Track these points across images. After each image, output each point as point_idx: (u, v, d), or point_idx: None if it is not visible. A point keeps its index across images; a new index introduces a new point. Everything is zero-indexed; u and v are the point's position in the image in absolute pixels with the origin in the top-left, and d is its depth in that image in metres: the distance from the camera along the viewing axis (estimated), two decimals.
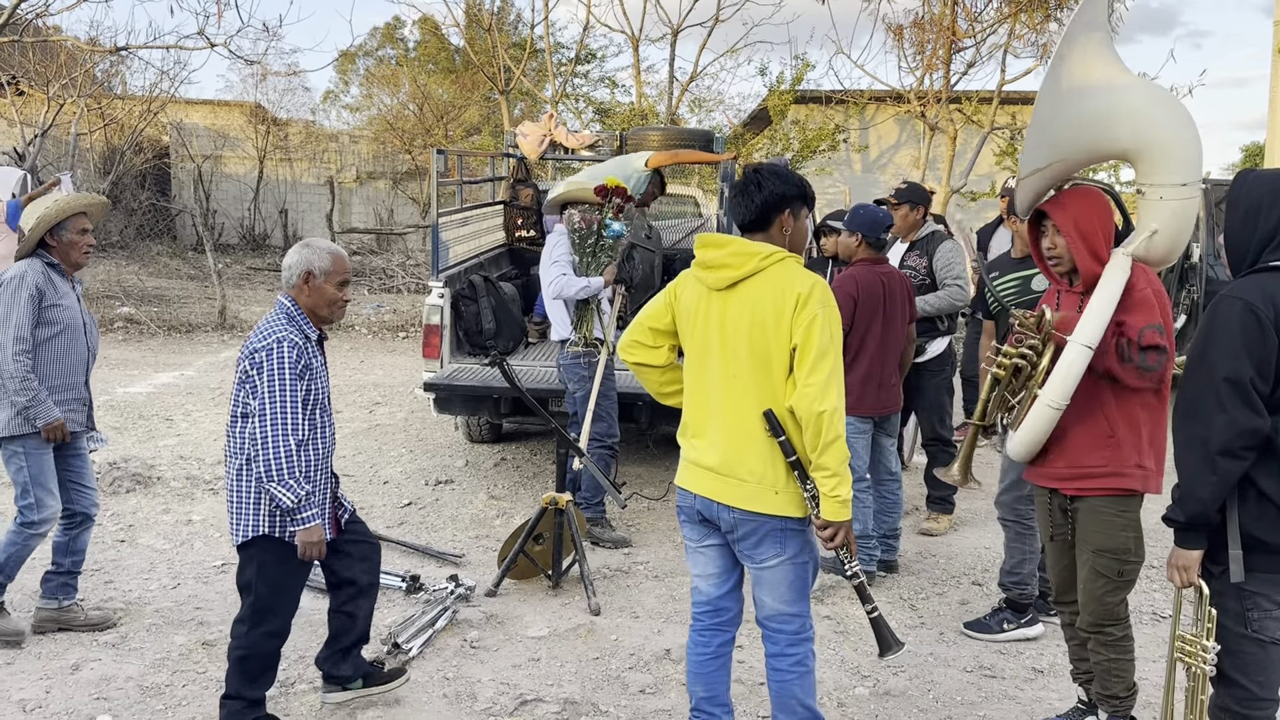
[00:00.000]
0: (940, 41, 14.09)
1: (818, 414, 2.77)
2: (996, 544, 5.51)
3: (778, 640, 3.05)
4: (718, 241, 2.97)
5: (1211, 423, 2.51)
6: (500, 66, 15.57)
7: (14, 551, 4.06)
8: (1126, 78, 3.15)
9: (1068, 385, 3.11)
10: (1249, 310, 2.47)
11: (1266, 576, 2.58)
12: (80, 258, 4.13)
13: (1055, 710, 3.73)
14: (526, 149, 8.30)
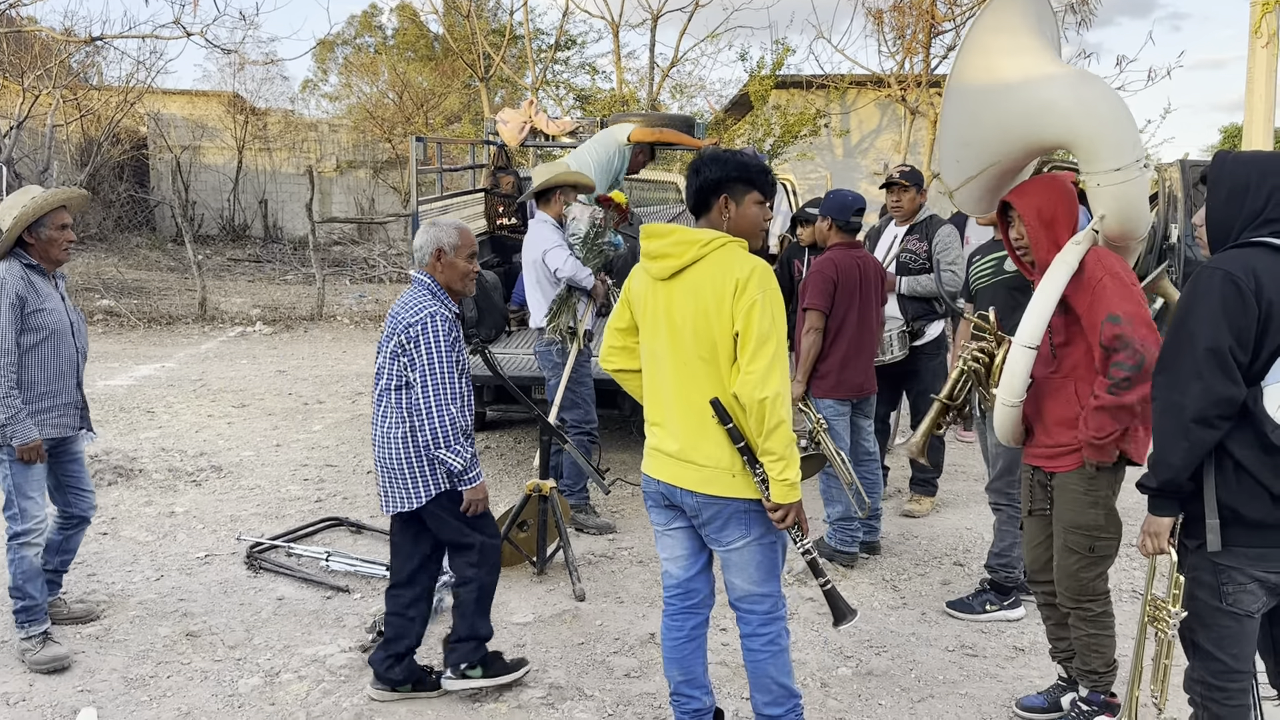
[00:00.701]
0: (920, 25, 14.13)
1: (759, 401, 2.78)
2: (978, 525, 5.56)
3: (750, 621, 3.08)
4: (660, 231, 2.99)
5: (1188, 390, 2.52)
6: (480, 54, 15.50)
7: (15, 568, 3.88)
8: (1044, 68, 3.16)
9: (1017, 384, 3.19)
10: (1230, 280, 2.48)
11: (1241, 550, 2.59)
12: (61, 255, 3.95)
13: (1036, 688, 3.77)
14: (507, 136, 8.28)
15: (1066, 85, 3.13)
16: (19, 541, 3.87)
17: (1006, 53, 3.16)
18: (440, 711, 3.59)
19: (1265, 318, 2.47)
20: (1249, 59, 12.94)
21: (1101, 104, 3.09)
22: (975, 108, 3.21)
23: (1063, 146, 3.23)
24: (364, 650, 3.97)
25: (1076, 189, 3.39)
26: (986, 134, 3.22)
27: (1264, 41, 12.66)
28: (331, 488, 6.10)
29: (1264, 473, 2.51)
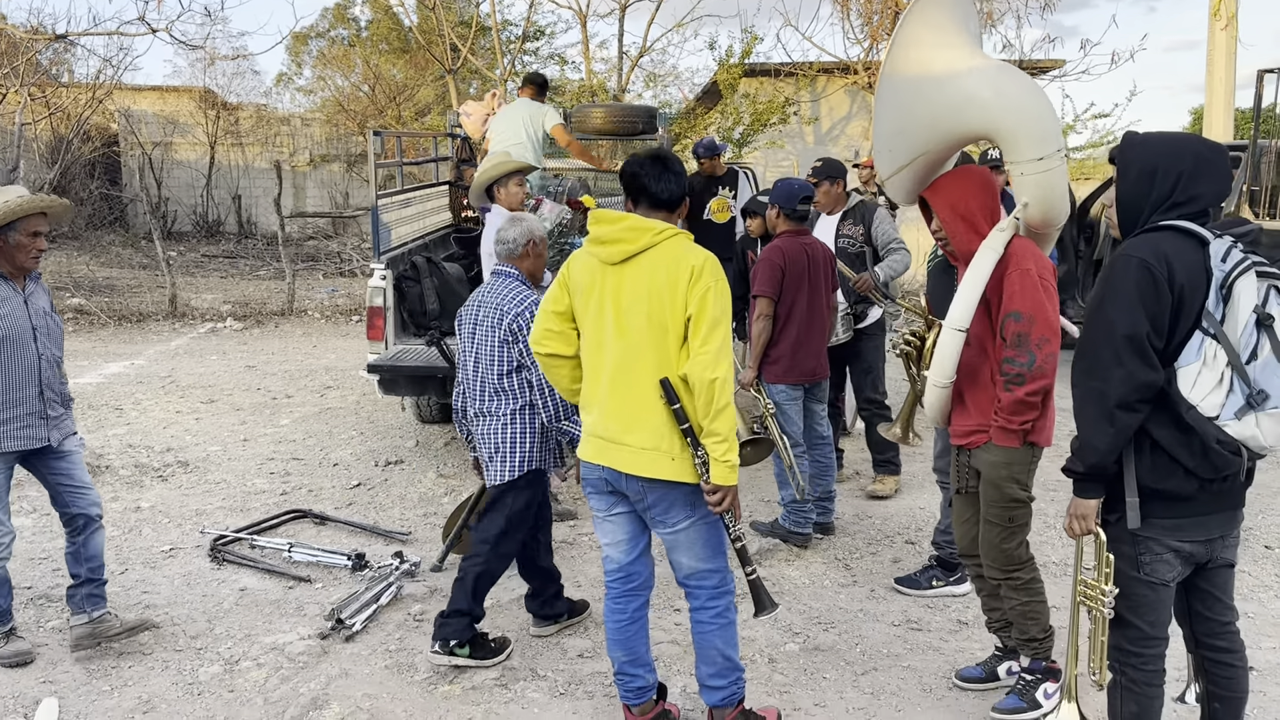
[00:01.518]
0: (885, 12, 14.21)
1: (710, 380, 2.89)
2: (931, 504, 5.68)
3: (699, 595, 3.19)
4: (611, 218, 3.06)
5: (1110, 377, 2.58)
6: (447, 45, 15.50)
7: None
8: (968, 62, 3.25)
9: (947, 366, 3.30)
10: (1144, 268, 2.54)
11: (1158, 522, 2.69)
12: (27, 262, 3.81)
13: (977, 659, 3.89)
14: (470, 129, 8.33)
15: (988, 78, 3.23)
16: None
17: (934, 46, 3.26)
18: (395, 693, 3.68)
19: (1178, 302, 2.53)
20: (1209, 41, 13.11)
21: (1022, 96, 3.19)
22: (907, 100, 3.30)
23: (986, 137, 3.33)
24: (322, 638, 4.06)
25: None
26: (917, 125, 3.32)
27: (1223, 24, 12.82)
28: (297, 481, 6.17)
29: (1179, 450, 2.58)
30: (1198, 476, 2.60)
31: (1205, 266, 2.55)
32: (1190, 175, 2.62)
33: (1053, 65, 15.45)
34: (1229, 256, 2.57)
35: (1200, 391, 2.54)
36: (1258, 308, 2.53)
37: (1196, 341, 2.55)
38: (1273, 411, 2.52)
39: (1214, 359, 2.53)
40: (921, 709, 3.61)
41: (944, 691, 3.72)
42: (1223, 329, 2.54)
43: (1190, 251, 2.56)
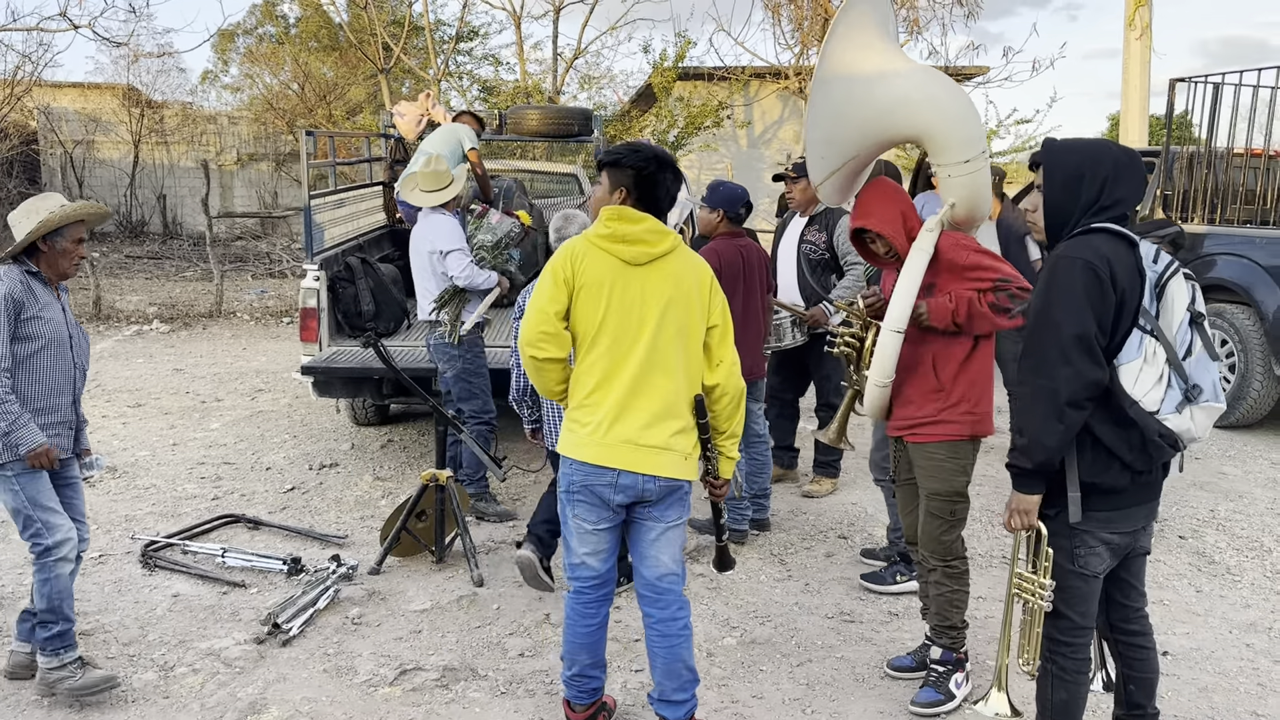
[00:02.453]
0: (815, 18, 14.43)
1: (740, 389, 3.11)
2: (862, 500, 5.82)
3: (667, 604, 3.19)
4: (631, 216, 3.02)
5: (1058, 375, 2.64)
6: (380, 44, 15.36)
7: (49, 589, 3.59)
8: (896, 69, 3.36)
9: (887, 365, 3.42)
10: (1089, 268, 2.62)
11: (1094, 515, 2.77)
12: (70, 269, 3.72)
13: (907, 649, 4.01)
14: (404, 129, 8.30)
15: (917, 82, 3.34)
16: (53, 558, 3.58)
17: (863, 51, 3.34)
18: (334, 696, 3.67)
19: (1120, 302, 2.64)
20: (1125, 51, 13.55)
21: (949, 100, 3.31)
22: (838, 105, 3.38)
23: (914, 140, 3.44)
24: (259, 643, 4.02)
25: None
26: (848, 130, 3.41)
27: (1138, 33, 13.27)
28: (229, 485, 6.09)
29: (1118, 445, 2.68)
30: (1132, 469, 2.71)
31: (1139, 267, 2.67)
32: (1112, 180, 2.72)
33: (977, 72, 15.85)
34: (1159, 259, 2.72)
35: (1142, 387, 2.65)
36: (1190, 306, 2.68)
37: (1136, 339, 2.66)
38: (1205, 405, 2.67)
39: (1154, 356, 2.65)
40: (855, 698, 3.71)
41: (876, 681, 3.83)
42: (1159, 327, 2.67)
43: (1125, 253, 2.67)
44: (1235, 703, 3.64)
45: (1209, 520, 5.51)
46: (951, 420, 3.46)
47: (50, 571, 3.59)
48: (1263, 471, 6.46)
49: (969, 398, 3.46)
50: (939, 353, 3.45)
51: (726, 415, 3.09)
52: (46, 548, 3.59)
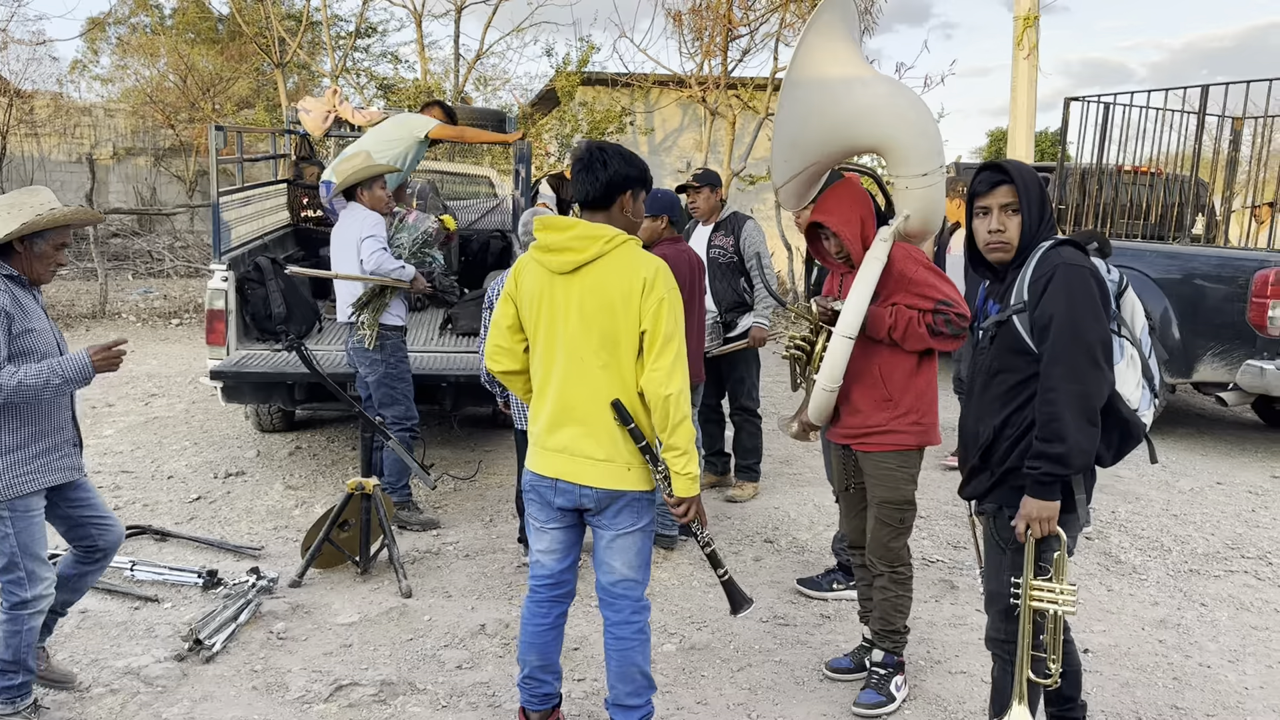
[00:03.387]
0: (718, 28, 14.59)
1: (665, 396, 2.88)
2: (785, 504, 5.89)
3: (621, 608, 3.13)
4: (560, 225, 2.97)
5: (1088, 379, 2.66)
6: (275, 38, 14.88)
7: (18, 641, 3.29)
8: (864, 78, 3.42)
9: (836, 371, 3.45)
10: (1095, 276, 2.73)
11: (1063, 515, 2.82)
12: (47, 274, 3.36)
13: (842, 650, 4.07)
14: (310, 126, 8.04)
15: (883, 94, 3.39)
16: (29, 610, 3.29)
17: (833, 59, 3.38)
18: (266, 714, 3.52)
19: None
20: (1013, 69, 14.09)
21: (913, 114, 3.37)
22: (806, 110, 3.39)
23: (875, 150, 3.49)
24: (179, 660, 3.83)
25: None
26: (812, 136, 3.42)
27: (1025, 53, 13.82)
28: (130, 495, 5.78)
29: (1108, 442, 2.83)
30: (1101, 465, 2.84)
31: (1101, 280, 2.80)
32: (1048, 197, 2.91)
33: None
34: (1111, 270, 2.84)
35: (1129, 388, 2.79)
36: (1148, 314, 2.84)
37: (1118, 344, 2.79)
38: (1156, 401, 2.87)
39: (1133, 359, 2.80)
40: (797, 700, 3.74)
41: (816, 683, 3.87)
42: (1131, 332, 2.81)
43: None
44: (1155, 696, 3.81)
45: (1111, 521, 5.76)
46: (901, 430, 3.52)
47: (23, 624, 3.29)
48: (1155, 474, 6.80)
49: (917, 408, 3.54)
50: (885, 362, 3.51)
51: (658, 424, 2.94)
52: (24, 600, 3.28)
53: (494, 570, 4.86)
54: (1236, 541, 5.50)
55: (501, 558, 5.02)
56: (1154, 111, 8.23)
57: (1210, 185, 8.99)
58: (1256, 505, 6.21)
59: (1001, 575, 2.96)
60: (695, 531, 3.13)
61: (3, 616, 3.28)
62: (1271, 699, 3.82)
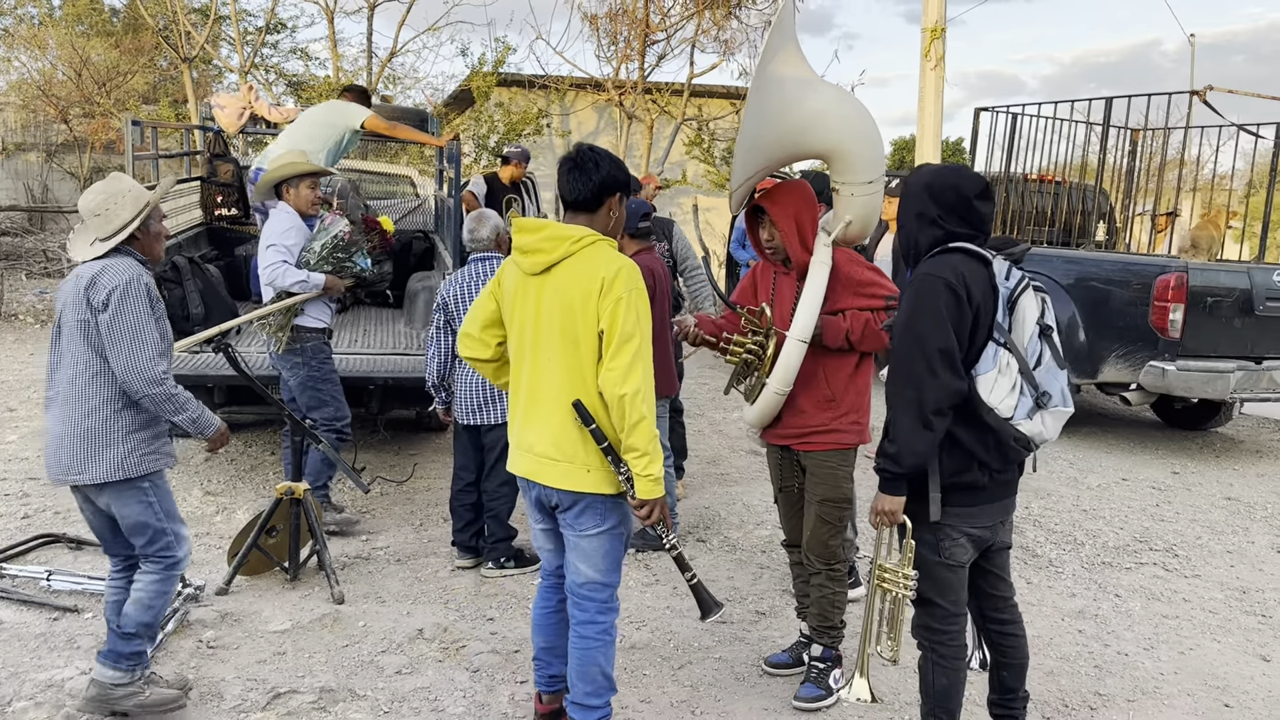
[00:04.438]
0: (634, 33, 14.68)
1: (619, 396, 2.87)
2: (714, 504, 5.96)
3: (587, 608, 3.14)
4: (532, 226, 3.00)
5: (924, 386, 2.82)
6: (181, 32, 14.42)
7: (162, 603, 3.40)
8: (818, 85, 3.50)
9: (790, 374, 3.53)
10: (948, 287, 2.83)
11: (956, 510, 2.98)
12: (160, 253, 3.48)
13: (779, 647, 4.14)
14: (225, 122, 7.85)
15: (835, 100, 3.46)
16: (179, 570, 3.44)
17: (790, 64, 3.44)
18: None
19: (975, 317, 2.85)
20: (920, 80, 14.49)
21: (861, 123, 3.44)
22: (769, 111, 3.42)
23: (823, 157, 3.56)
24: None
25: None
26: (767, 141, 3.47)
27: (933, 64, 14.23)
28: (39, 502, 5.54)
29: (977, 447, 2.89)
30: (989, 468, 2.93)
31: (993, 284, 2.89)
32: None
33: None
34: (1010, 275, 2.93)
35: (998, 396, 2.86)
36: (1039, 319, 2.91)
37: (991, 351, 2.87)
38: (1054, 409, 2.91)
39: (1008, 366, 2.87)
40: (739, 697, 3.79)
41: (756, 679, 3.93)
42: (1012, 339, 2.88)
43: (979, 270, 2.89)
44: (1079, 684, 3.97)
45: (1026, 517, 5.98)
46: (842, 429, 3.61)
47: (171, 585, 3.43)
48: (1064, 471, 7.08)
49: (858, 407, 3.63)
50: (829, 364, 3.59)
51: (616, 424, 2.94)
52: (178, 559, 3.42)
53: (428, 574, 4.81)
54: (1144, 535, 5.77)
55: (434, 562, 4.96)
56: (1059, 122, 8.56)
57: (1110, 193, 9.39)
58: (1160, 500, 6.52)
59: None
60: (660, 534, 3.15)
61: (154, 578, 3.38)
62: (1185, 683, 4.02)
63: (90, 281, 3.19)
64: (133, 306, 3.18)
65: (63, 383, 3.27)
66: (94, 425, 3.22)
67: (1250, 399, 7.59)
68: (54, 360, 3.33)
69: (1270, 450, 8.30)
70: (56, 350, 3.32)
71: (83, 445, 3.23)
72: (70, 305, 3.23)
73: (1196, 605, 4.80)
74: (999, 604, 3.25)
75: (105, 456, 3.23)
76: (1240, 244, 10.69)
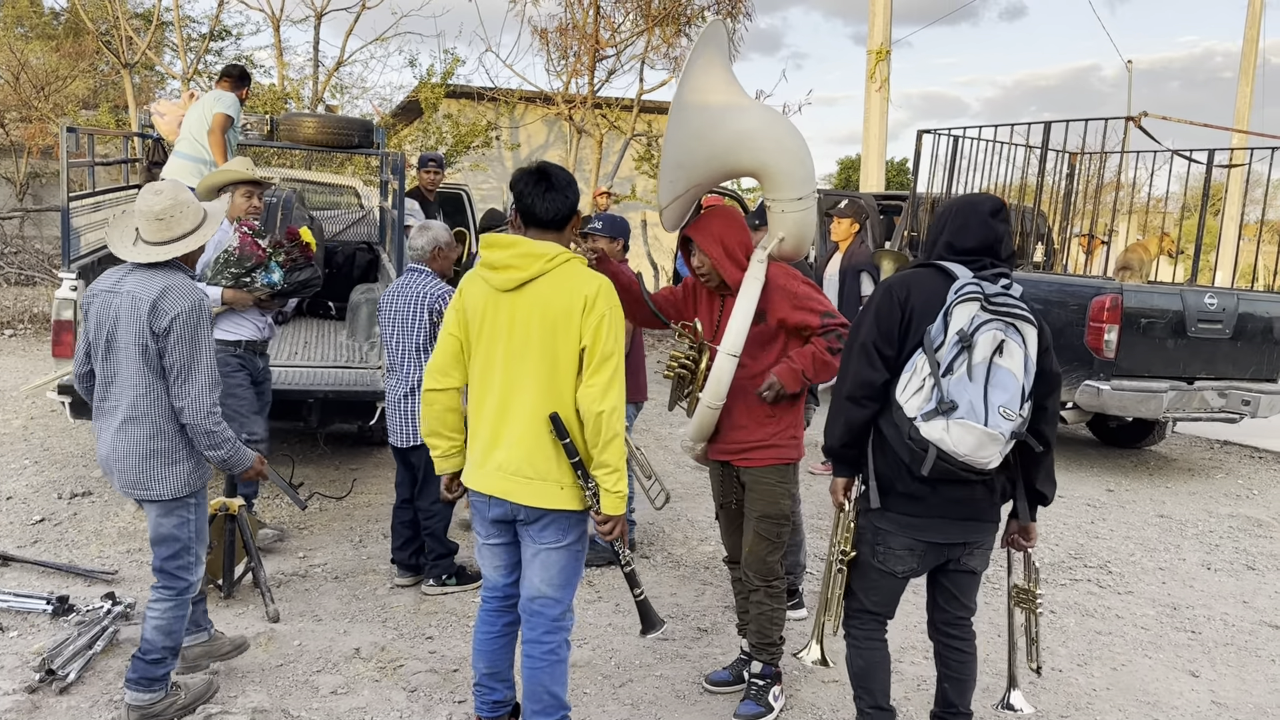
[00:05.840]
0: (584, 48, 14.71)
1: (597, 414, 2.90)
2: (658, 519, 5.96)
3: (535, 625, 3.13)
4: (504, 242, 2.98)
5: (845, 375, 3.09)
6: (123, 38, 14.15)
7: (181, 625, 3.46)
8: (744, 105, 3.55)
9: (722, 389, 3.55)
10: (887, 290, 3.06)
11: (896, 516, 3.05)
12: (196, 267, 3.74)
13: (721, 664, 4.14)
14: (164, 129, 7.70)
15: (762, 121, 3.50)
16: (191, 594, 3.49)
17: (716, 86, 3.47)
18: None
19: (907, 321, 3.00)
20: (866, 101, 14.73)
21: (790, 140, 3.49)
22: (691, 133, 3.47)
23: (753, 174, 3.60)
24: (31, 692, 3.58)
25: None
26: (695, 159, 3.51)
27: (877, 86, 14.48)
28: None
29: (901, 449, 2.97)
30: (912, 475, 2.97)
31: (944, 295, 2.96)
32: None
33: None
34: (963, 289, 2.97)
35: (906, 394, 2.96)
36: (962, 330, 2.91)
37: (915, 354, 2.99)
38: (960, 420, 2.84)
39: (920, 368, 2.95)
40: (679, 714, 3.79)
41: (697, 696, 3.93)
42: (936, 346, 2.94)
43: (933, 282, 3.01)
44: None
45: None
46: (781, 444, 3.63)
47: (185, 608, 3.47)
48: None
49: (796, 422, 3.66)
50: (766, 379, 3.61)
51: (590, 440, 2.97)
52: (190, 584, 3.47)
53: (366, 592, 4.74)
54: (1079, 552, 5.87)
55: (373, 579, 4.89)
56: (999, 145, 8.74)
57: (1049, 215, 9.59)
58: (1095, 517, 6.65)
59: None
60: (617, 550, 3.15)
61: (169, 604, 3.41)
62: (1117, 699, 4.09)
63: (152, 307, 3.21)
64: (194, 334, 3.26)
65: (123, 400, 3.29)
66: (161, 446, 3.32)
67: (1183, 418, 7.79)
68: (106, 373, 3.33)
69: (1201, 469, 8.51)
70: (108, 364, 3.32)
71: (150, 463, 3.32)
72: (126, 324, 3.24)
73: (1129, 622, 4.90)
74: (950, 619, 3.31)
75: (171, 474, 3.34)
76: (1174, 266, 10.98)
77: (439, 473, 3.27)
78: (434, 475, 4.55)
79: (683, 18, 14.48)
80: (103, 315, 3.30)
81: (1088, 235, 9.93)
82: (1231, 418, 7.91)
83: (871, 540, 3.13)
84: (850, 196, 8.82)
